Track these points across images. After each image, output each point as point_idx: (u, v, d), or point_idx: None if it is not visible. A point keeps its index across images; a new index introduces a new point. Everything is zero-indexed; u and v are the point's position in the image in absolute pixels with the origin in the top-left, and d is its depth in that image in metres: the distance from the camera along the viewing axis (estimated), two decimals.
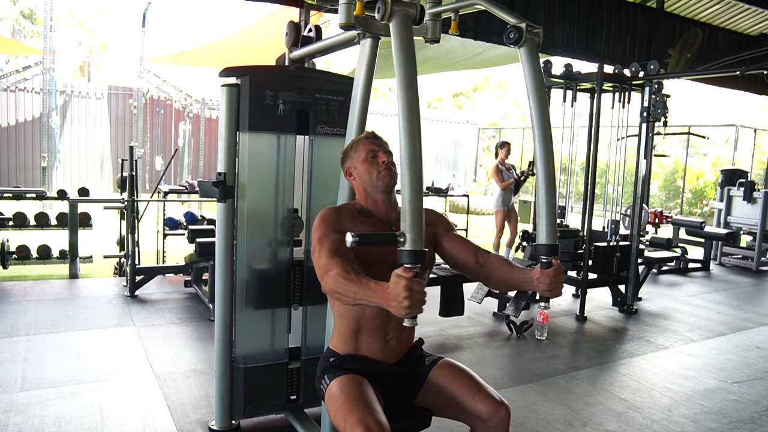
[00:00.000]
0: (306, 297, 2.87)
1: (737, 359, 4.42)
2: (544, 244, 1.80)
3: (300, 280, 2.86)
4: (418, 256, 1.53)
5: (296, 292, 2.86)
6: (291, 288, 2.85)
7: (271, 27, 7.81)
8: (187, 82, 14.80)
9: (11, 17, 25.07)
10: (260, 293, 2.79)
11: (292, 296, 2.85)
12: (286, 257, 2.83)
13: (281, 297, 2.83)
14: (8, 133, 13.68)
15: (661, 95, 5.41)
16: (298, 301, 2.87)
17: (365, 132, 2.07)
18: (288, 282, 2.83)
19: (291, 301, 2.86)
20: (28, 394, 3.22)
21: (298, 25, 2.93)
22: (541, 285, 1.78)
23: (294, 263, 2.84)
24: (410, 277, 1.49)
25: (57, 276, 6.01)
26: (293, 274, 2.84)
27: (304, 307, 2.88)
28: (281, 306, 2.84)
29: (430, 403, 1.97)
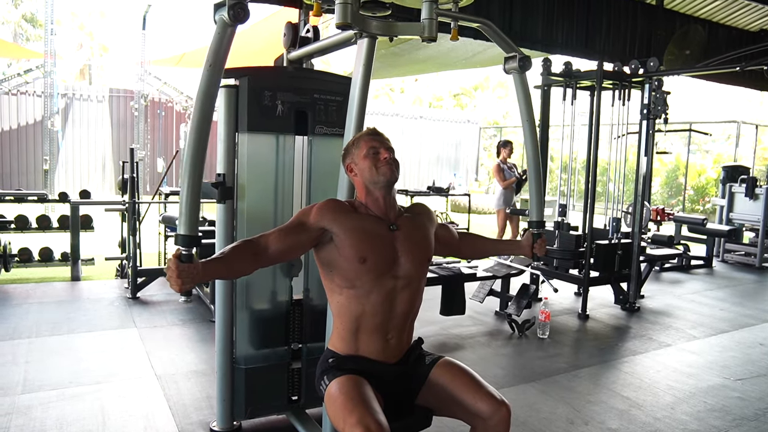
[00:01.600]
0: (307, 293, 2.87)
1: (740, 356, 4.41)
2: (535, 220, 2.39)
3: (304, 276, 2.85)
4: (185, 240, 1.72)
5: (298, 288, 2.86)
6: (292, 282, 2.85)
7: (271, 28, 7.81)
8: (188, 84, 14.80)
9: (13, 21, 25.11)
10: (261, 292, 2.79)
11: (293, 291, 2.86)
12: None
13: (282, 296, 2.83)
14: (10, 137, 13.71)
15: (661, 92, 5.40)
16: (300, 296, 2.87)
17: (366, 128, 2.08)
18: (290, 276, 2.83)
19: (292, 297, 2.86)
20: (30, 396, 3.22)
21: (296, 26, 2.93)
22: (539, 249, 2.30)
23: (293, 263, 2.84)
24: (175, 254, 1.68)
25: (59, 278, 6.02)
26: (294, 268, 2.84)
27: (305, 302, 2.88)
28: (283, 299, 2.84)
29: (431, 403, 1.97)
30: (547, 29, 6.99)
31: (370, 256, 1.86)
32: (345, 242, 1.86)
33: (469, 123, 19.21)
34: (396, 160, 1.96)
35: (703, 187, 15.95)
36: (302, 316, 2.87)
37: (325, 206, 1.92)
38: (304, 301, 2.87)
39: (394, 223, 1.96)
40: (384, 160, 1.93)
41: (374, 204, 1.96)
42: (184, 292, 1.74)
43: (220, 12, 1.77)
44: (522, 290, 5.11)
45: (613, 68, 5.59)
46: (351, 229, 1.88)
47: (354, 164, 1.98)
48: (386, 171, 1.93)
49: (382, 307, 1.89)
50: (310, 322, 2.86)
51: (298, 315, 2.86)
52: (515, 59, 2.31)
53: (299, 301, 2.88)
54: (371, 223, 1.92)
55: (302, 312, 2.87)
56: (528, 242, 2.32)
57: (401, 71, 11.42)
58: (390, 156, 1.95)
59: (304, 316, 2.87)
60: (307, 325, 2.86)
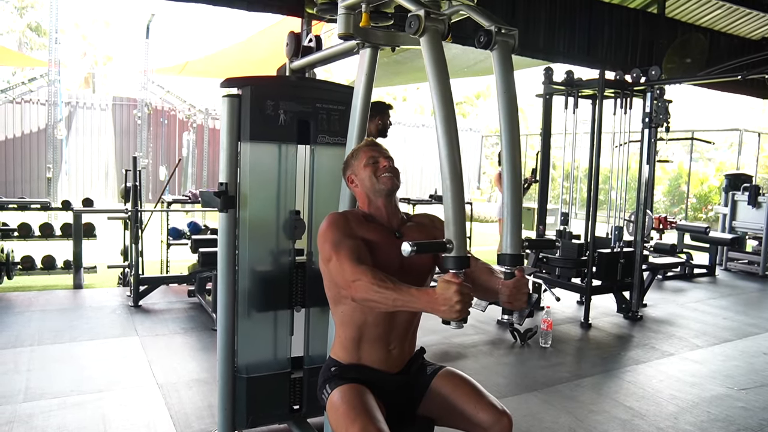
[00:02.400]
0: (308, 299, 2.87)
1: (744, 366, 4.39)
2: (508, 254, 1.78)
3: (302, 284, 2.85)
4: (463, 262, 1.61)
5: (298, 295, 2.85)
6: (293, 291, 2.84)
7: (274, 37, 7.85)
8: (191, 92, 14.87)
9: (18, 30, 25.25)
10: (263, 300, 2.79)
11: (294, 298, 2.85)
12: (288, 261, 2.83)
13: (284, 300, 2.83)
14: (14, 145, 13.77)
15: (662, 101, 5.41)
16: (301, 303, 2.86)
17: (364, 140, 2.09)
18: (290, 285, 2.83)
19: (294, 303, 2.85)
20: (32, 404, 3.22)
21: (298, 35, 2.94)
22: (502, 296, 1.76)
23: (296, 266, 2.84)
24: (460, 282, 1.55)
25: (61, 286, 6.02)
26: (295, 277, 2.84)
27: (306, 309, 2.87)
28: (284, 308, 2.84)
29: (433, 413, 1.97)
30: (549, 38, 7.02)
31: (376, 265, 1.85)
32: None
33: (471, 131, 19.24)
34: (396, 169, 1.97)
35: (706, 195, 15.93)
36: (305, 280, 2.84)
37: (338, 219, 1.90)
38: (307, 264, 2.86)
39: (398, 230, 1.96)
40: (384, 169, 1.95)
41: (377, 213, 1.97)
42: None
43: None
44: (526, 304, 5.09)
45: (614, 77, 5.61)
46: (365, 240, 1.88)
47: (354, 175, 1.99)
48: (386, 179, 1.94)
49: (384, 318, 1.89)
50: (311, 287, 2.82)
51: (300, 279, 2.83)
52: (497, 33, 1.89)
53: (302, 263, 2.85)
54: (375, 232, 1.92)
55: (305, 276, 2.84)
56: (503, 289, 1.78)
57: (403, 79, 11.46)
58: (389, 164, 1.96)
59: (306, 280, 2.84)
60: (308, 290, 2.84)
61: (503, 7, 6.57)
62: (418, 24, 1.70)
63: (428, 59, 1.70)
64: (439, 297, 1.56)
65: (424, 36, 1.71)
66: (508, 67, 1.83)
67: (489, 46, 1.80)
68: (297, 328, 2.89)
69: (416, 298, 1.61)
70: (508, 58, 1.83)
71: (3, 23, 25.31)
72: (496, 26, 1.79)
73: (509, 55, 1.83)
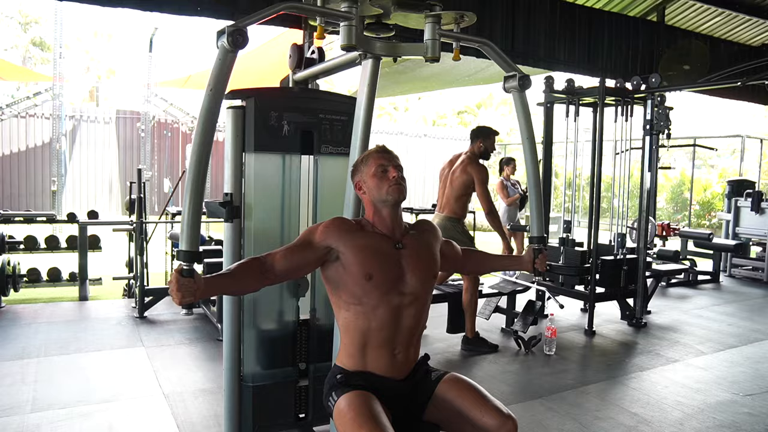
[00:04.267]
0: (315, 308, 2.89)
1: (749, 371, 4.39)
2: (536, 236, 2.35)
3: (310, 296, 2.87)
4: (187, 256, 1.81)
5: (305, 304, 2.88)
6: (299, 299, 2.86)
7: (276, 50, 7.91)
8: (194, 105, 14.93)
9: (22, 45, 25.46)
10: (268, 308, 2.81)
11: (300, 308, 2.87)
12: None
13: (289, 308, 2.85)
14: (19, 159, 13.85)
15: (663, 108, 5.43)
16: (308, 313, 2.88)
17: (375, 146, 2.09)
18: (296, 293, 2.85)
19: (299, 313, 2.87)
20: (39, 415, 3.24)
21: (301, 47, 2.98)
22: (540, 265, 2.30)
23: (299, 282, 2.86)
24: (177, 269, 1.73)
25: (67, 298, 6.05)
26: (301, 285, 2.85)
27: (312, 316, 2.89)
28: (289, 316, 2.85)
29: (438, 418, 1.98)
30: (549, 47, 7.06)
31: (376, 274, 1.88)
32: (351, 260, 1.89)
33: None
34: (404, 179, 1.99)
35: (709, 201, 15.92)
36: (309, 335, 2.88)
37: (330, 225, 1.95)
38: (311, 321, 2.89)
39: (400, 242, 1.98)
40: (393, 179, 1.96)
41: (381, 222, 1.99)
42: (184, 305, 1.81)
43: (221, 39, 1.83)
44: (528, 307, 5.11)
45: (615, 84, 5.63)
46: (357, 247, 1.91)
47: (363, 182, 2.01)
48: (394, 191, 1.95)
49: (388, 323, 1.91)
50: (317, 342, 2.87)
51: (305, 335, 2.88)
52: (515, 78, 2.30)
53: (306, 321, 2.89)
54: (377, 241, 1.95)
55: (309, 332, 2.88)
56: (529, 257, 2.31)
57: (405, 89, 11.51)
58: (398, 175, 1.97)
59: (311, 335, 2.88)
60: (314, 345, 2.87)
61: (503, 16, 6.62)
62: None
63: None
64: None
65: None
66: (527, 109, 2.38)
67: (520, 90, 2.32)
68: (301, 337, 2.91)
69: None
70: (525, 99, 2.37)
71: (7, 39, 25.54)
72: (521, 75, 2.26)
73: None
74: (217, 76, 1.87)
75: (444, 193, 4.81)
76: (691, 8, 7.99)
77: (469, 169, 4.65)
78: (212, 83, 1.86)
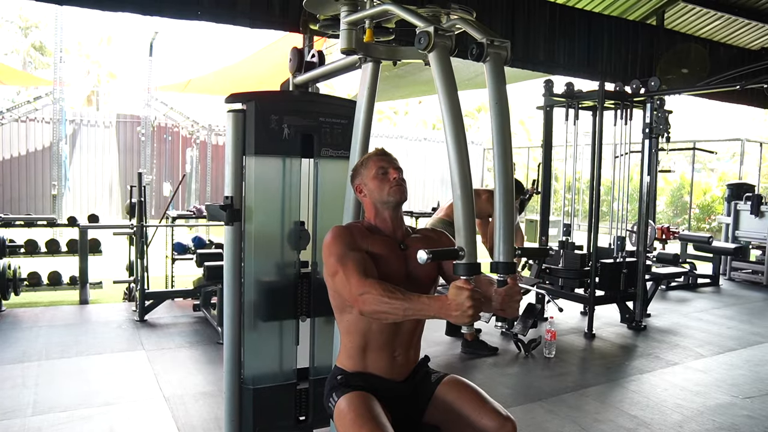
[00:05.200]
0: (313, 309, 2.89)
1: (749, 374, 4.40)
2: (501, 262, 1.75)
3: (307, 294, 2.87)
4: (474, 269, 1.65)
5: (303, 305, 2.88)
6: (299, 301, 2.86)
7: (276, 54, 7.94)
8: (194, 109, 14.96)
9: (23, 49, 25.51)
10: (268, 311, 2.82)
11: (299, 309, 2.87)
12: (293, 272, 2.85)
13: (289, 311, 2.85)
14: (19, 163, 13.86)
15: (662, 111, 5.45)
16: (306, 313, 2.88)
17: (375, 149, 2.09)
18: (295, 296, 2.85)
19: (299, 313, 2.87)
20: (40, 418, 3.25)
21: (301, 51, 2.99)
22: (495, 303, 1.76)
23: (301, 276, 2.86)
24: (472, 288, 1.60)
25: (67, 302, 6.06)
26: (300, 287, 2.86)
27: (311, 319, 2.90)
28: (289, 319, 2.86)
29: (438, 420, 1.99)
30: (548, 51, 7.08)
31: (382, 275, 1.89)
32: None
33: (473, 144, 19.27)
34: (404, 180, 2.00)
35: (709, 205, 15.94)
36: (309, 290, 2.86)
37: (348, 230, 1.94)
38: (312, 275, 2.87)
39: (403, 242, 2.00)
40: (393, 180, 1.97)
41: (383, 224, 2.00)
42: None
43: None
44: (528, 310, 5.12)
45: (614, 88, 5.65)
46: (371, 252, 1.92)
47: (363, 185, 2.02)
48: (396, 191, 1.97)
49: (388, 325, 1.91)
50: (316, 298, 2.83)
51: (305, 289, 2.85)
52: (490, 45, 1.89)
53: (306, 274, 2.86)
54: (380, 243, 1.96)
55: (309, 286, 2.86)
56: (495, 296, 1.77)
57: (405, 93, 11.54)
58: (399, 176, 1.99)
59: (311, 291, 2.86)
60: (314, 300, 2.86)
61: (503, 19, 6.65)
62: (428, 40, 1.75)
63: (437, 74, 1.76)
64: (451, 303, 1.60)
65: (433, 52, 1.76)
66: (500, 79, 1.84)
67: (481, 58, 1.82)
68: (302, 338, 2.92)
69: (428, 306, 1.65)
70: (501, 70, 1.84)
71: (8, 43, 25.59)
72: (488, 39, 1.81)
73: (501, 67, 1.84)
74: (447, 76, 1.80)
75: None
76: (691, 12, 8.02)
77: (492, 201, 4.72)
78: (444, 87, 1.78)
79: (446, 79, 1.74)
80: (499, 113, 1.82)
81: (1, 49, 25.39)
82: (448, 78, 1.74)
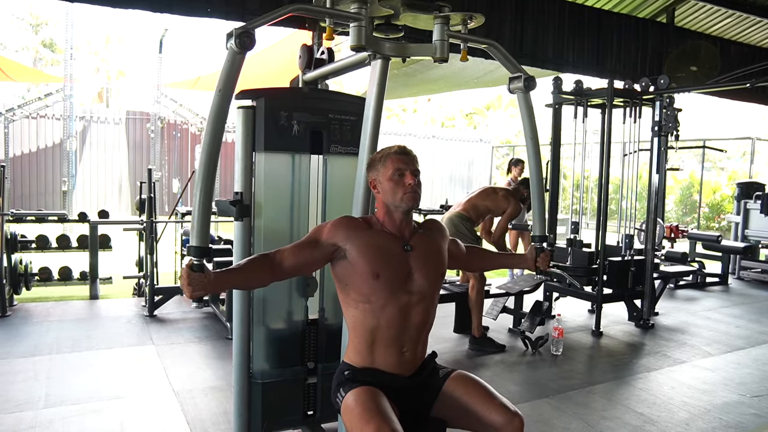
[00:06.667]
0: (323, 308, 2.92)
1: (757, 373, 4.38)
2: (538, 234, 2.44)
3: (319, 296, 2.90)
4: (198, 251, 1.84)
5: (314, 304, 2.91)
6: (308, 302, 2.89)
7: (286, 50, 7.96)
8: (204, 106, 14.99)
9: (33, 47, 25.68)
10: (277, 306, 2.85)
11: (309, 306, 2.90)
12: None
13: (298, 307, 2.88)
14: (30, 159, 13.98)
15: (672, 109, 5.43)
16: (316, 311, 2.91)
17: (396, 146, 2.04)
18: (304, 292, 2.88)
19: (308, 311, 2.90)
20: (52, 410, 3.29)
21: (310, 48, 3.01)
22: (542, 263, 2.36)
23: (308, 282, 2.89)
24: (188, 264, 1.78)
25: (78, 297, 6.11)
26: (309, 284, 2.88)
27: (321, 316, 2.92)
28: (298, 315, 2.88)
29: (445, 415, 2.00)
30: (558, 48, 7.07)
31: (384, 272, 1.90)
32: (358, 259, 1.91)
33: (482, 142, 19.28)
34: (420, 184, 1.99)
35: (719, 204, 15.85)
36: (317, 335, 2.90)
37: (338, 223, 1.97)
38: (320, 321, 2.92)
39: (408, 243, 2.00)
40: (408, 186, 1.95)
41: (391, 223, 2.01)
42: (195, 298, 1.83)
43: (229, 41, 1.88)
44: (535, 307, 5.12)
45: (623, 86, 5.64)
46: (364, 246, 1.93)
47: (378, 182, 2.01)
48: (409, 199, 1.96)
49: (396, 321, 1.93)
50: (325, 342, 2.89)
51: (313, 334, 2.90)
52: (520, 79, 2.36)
53: (315, 321, 2.92)
54: (385, 240, 1.97)
55: (317, 331, 2.91)
56: (531, 255, 2.37)
57: (414, 91, 11.55)
58: (414, 182, 1.96)
59: (319, 335, 2.90)
60: (322, 345, 2.90)
61: (512, 18, 6.64)
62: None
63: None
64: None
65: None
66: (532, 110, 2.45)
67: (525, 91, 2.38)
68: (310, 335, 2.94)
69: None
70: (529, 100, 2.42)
71: (18, 40, 25.75)
72: (525, 76, 2.33)
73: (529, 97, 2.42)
74: (226, 77, 1.92)
75: (470, 198, 4.91)
76: (701, 9, 7.98)
77: (509, 199, 4.88)
78: (221, 84, 1.92)
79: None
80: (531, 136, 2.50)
81: (12, 46, 25.56)
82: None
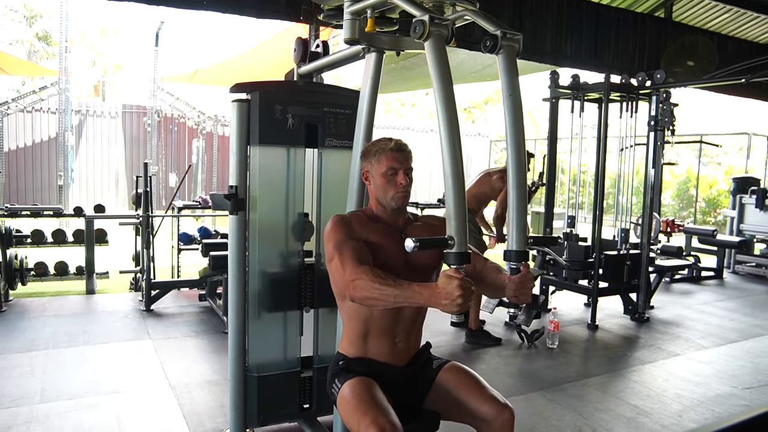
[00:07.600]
0: (317, 300, 2.92)
1: (749, 366, 4.41)
2: (513, 250, 1.84)
3: (311, 284, 2.90)
4: (464, 258, 1.65)
5: (307, 296, 2.91)
6: (302, 292, 2.89)
7: (282, 45, 7.94)
8: (201, 100, 14.97)
9: (27, 39, 25.55)
10: (273, 300, 2.85)
11: (303, 299, 2.90)
12: (297, 263, 2.88)
13: (293, 301, 2.89)
14: (25, 153, 13.92)
15: (668, 104, 5.44)
16: (310, 304, 2.91)
17: (393, 142, 2.01)
18: (299, 286, 2.88)
19: (302, 304, 2.90)
20: (48, 405, 3.29)
21: (306, 41, 3.00)
22: (508, 290, 1.85)
23: (305, 267, 2.89)
24: (462, 277, 1.60)
25: (74, 292, 6.11)
26: (304, 278, 2.89)
27: (315, 309, 2.93)
28: (293, 309, 2.89)
29: (438, 406, 2.01)
30: (555, 42, 7.06)
31: (381, 265, 1.91)
32: (372, 251, 1.92)
33: (480, 136, 19.27)
34: (411, 181, 1.99)
35: (715, 198, 15.88)
36: (313, 281, 2.89)
37: (347, 221, 1.96)
38: (315, 266, 2.92)
39: (403, 231, 2.01)
40: (400, 186, 1.96)
41: (384, 213, 2.02)
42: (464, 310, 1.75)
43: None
44: (531, 301, 5.13)
45: (620, 80, 5.64)
46: (372, 238, 1.94)
47: (371, 175, 2.01)
48: (399, 199, 1.97)
49: (389, 312, 1.94)
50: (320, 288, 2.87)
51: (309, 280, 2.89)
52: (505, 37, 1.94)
53: (311, 265, 2.90)
54: (380, 231, 1.98)
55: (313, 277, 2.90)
56: (510, 287, 1.86)
57: (412, 85, 11.52)
58: (406, 182, 1.97)
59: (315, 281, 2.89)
60: (317, 290, 2.89)
61: (510, 11, 6.63)
62: (423, 29, 1.74)
63: (432, 63, 1.76)
64: (441, 291, 1.60)
65: (428, 41, 1.76)
66: (513, 71, 1.86)
67: (495, 50, 1.84)
68: (306, 328, 2.95)
69: (418, 293, 1.66)
70: (513, 62, 1.86)
71: (12, 33, 25.63)
72: (501, 31, 1.83)
73: (514, 59, 1.86)
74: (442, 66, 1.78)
75: (468, 189, 5.00)
76: (699, 4, 7.96)
77: (504, 179, 4.94)
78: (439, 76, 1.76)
79: (441, 69, 1.74)
80: (513, 105, 1.85)
81: (6, 39, 25.44)
82: (443, 67, 1.74)
